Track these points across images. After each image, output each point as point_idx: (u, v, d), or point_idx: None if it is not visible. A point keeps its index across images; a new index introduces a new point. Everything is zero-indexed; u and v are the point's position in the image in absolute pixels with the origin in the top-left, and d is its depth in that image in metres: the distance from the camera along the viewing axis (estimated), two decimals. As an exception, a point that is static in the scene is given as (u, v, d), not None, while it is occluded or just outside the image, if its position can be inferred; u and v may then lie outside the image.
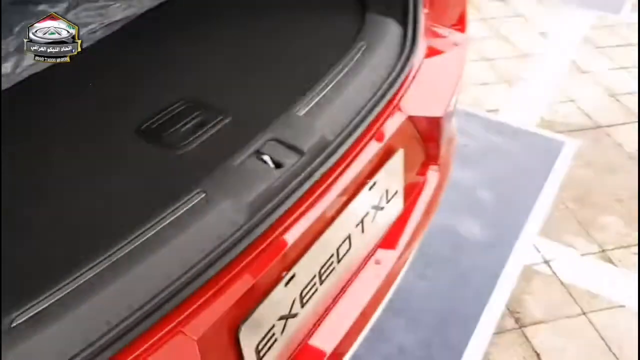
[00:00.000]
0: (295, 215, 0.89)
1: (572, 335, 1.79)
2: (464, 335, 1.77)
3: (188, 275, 0.76)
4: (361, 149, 1.01)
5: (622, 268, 2.00)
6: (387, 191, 1.11)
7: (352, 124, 1.02)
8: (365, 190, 1.03)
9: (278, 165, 0.92)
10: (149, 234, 0.78)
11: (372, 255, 1.14)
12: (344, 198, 0.99)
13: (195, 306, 0.74)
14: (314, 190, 0.92)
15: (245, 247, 0.82)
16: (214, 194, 0.86)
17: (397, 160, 1.11)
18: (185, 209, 0.83)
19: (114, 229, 0.79)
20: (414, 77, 1.15)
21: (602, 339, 1.78)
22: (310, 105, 1.03)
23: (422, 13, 1.27)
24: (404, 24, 1.26)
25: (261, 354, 0.85)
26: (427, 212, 1.29)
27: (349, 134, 1.00)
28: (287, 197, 0.88)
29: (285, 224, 0.87)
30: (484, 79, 2.91)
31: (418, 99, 1.14)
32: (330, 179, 0.95)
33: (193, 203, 0.84)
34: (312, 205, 0.92)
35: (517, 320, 1.82)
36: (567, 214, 2.19)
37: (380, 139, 1.06)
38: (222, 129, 1.03)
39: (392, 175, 1.12)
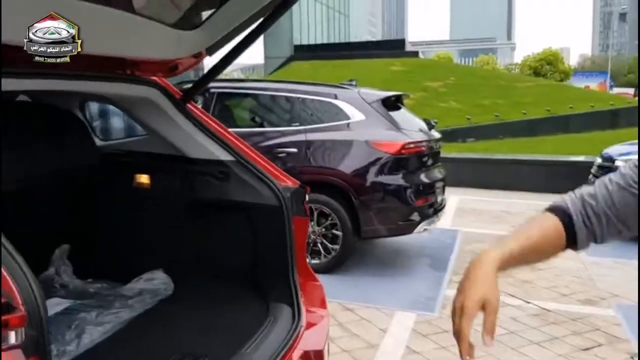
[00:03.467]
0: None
1: None
2: None
3: None
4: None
5: None
6: (301, 395, 1.90)
7: (276, 354, 1.87)
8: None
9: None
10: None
11: None
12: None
13: None
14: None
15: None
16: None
17: (303, 376, 1.94)
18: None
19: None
20: (303, 331, 2.07)
21: None
22: (251, 346, 1.88)
23: (302, 299, 2.26)
24: (291, 305, 2.22)
25: None
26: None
27: (276, 360, 1.85)
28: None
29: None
30: (347, 364, 3.82)
31: (308, 341, 2.04)
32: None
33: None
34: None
35: None
36: None
37: (293, 362, 1.91)
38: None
39: (303, 384, 1.93)
